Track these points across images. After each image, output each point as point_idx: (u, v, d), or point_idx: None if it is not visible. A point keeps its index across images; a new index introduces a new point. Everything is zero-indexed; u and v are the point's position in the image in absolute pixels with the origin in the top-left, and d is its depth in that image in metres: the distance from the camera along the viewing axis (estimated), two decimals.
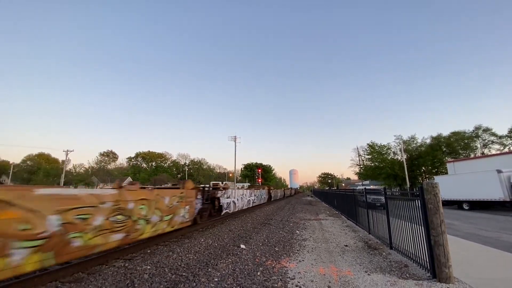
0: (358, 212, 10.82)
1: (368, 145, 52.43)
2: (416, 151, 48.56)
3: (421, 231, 4.85)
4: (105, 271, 5.07)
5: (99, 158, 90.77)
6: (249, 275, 4.80)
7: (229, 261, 5.70)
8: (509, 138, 47.42)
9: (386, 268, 5.22)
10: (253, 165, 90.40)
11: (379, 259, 5.90)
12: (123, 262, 5.66)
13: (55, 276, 4.59)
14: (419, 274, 4.77)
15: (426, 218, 4.68)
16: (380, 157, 49.44)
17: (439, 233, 4.43)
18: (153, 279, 4.61)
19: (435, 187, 4.61)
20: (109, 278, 4.68)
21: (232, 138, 46.85)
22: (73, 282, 4.48)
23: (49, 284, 4.36)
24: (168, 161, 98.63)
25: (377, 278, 4.60)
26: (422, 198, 4.82)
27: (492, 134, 49.34)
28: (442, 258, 4.34)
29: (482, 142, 50.55)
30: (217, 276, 4.72)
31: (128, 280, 4.56)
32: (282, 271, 5.01)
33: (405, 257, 5.65)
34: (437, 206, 4.53)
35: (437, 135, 50.84)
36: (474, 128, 50.44)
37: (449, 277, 4.29)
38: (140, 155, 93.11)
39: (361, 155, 57.23)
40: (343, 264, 5.55)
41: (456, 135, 49.45)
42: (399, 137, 47.65)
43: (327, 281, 4.51)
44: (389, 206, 6.73)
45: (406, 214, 5.63)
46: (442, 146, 48.40)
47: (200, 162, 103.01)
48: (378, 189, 13.94)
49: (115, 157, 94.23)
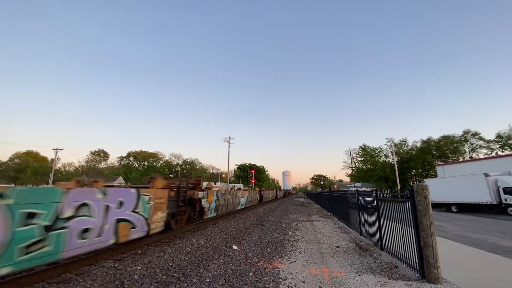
0: (350, 213, 10.92)
1: (360, 147, 53.15)
2: (407, 154, 49.44)
3: (411, 232, 4.93)
4: (94, 271, 4.97)
5: (89, 157, 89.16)
6: (241, 275, 4.78)
7: (221, 262, 5.67)
8: (496, 142, 48.78)
9: (377, 269, 5.28)
10: (247, 166, 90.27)
11: (370, 260, 5.96)
12: (113, 263, 5.56)
13: (42, 277, 4.48)
14: (408, 275, 4.84)
15: (416, 219, 4.75)
16: (372, 159, 50.16)
17: (428, 234, 4.51)
18: (143, 280, 4.54)
19: (425, 189, 4.70)
20: (98, 278, 4.59)
21: (226, 139, 46.72)
22: (61, 283, 4.37)
23: (35, 285, 4.25)
24: (160, 161, 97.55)
25: (367, 279, 4.65)
26: (412, 200, 4.89)
27: (480, 138, 50.69)
28: (431, 259, 4.41)
29: (471, 146, 51.85)
30: (208, 277, 4.68)
31: (118, 281, 4.48)
32: (274, 272, 5.01)
33: (395, 258, 5.72)
34: (427, 208, 4.61)
35: (427, 139, 51.91)
36: (463, 133, 51.77)
37: (437, 278, 4.37)
38: (132, 154, 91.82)
39: (354, 157, 57.91)
40: (334, 265, 5.59)
41: (445, 139, 50.54)
42: (391, 140, 48.49)
43: (318, 281, 4.53)
44: (380, 208, 6.81)
45: (396, 216, 5.71)
46: (432, 149, 49.38)
47: (193, 162, 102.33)
48: (369, 191, 14.10)
49: (106, 156, 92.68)
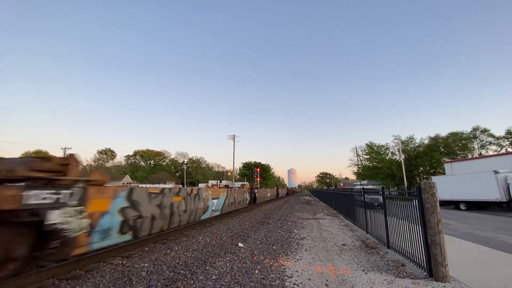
0: (356, 211, 10.85)
1: (366, 145, 52.73)
2: (414, 152, 48.79)
3: (418, 230, 4.87)
4: (103, 268, 5.06)
5: (97, 156, 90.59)
6: (247, 273, 4.81)
7: (227, 259, 5.70)
8: (506, 139, 47.78)
9: (383, 267, 5.24)
10: (252, 164, 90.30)
11: (377, 258, 5.92)
12: (121, 260, 5.65)
13: (52, 273, 4.58)
14: (416, 273, 4.79)
15: (423, 217, 4.69)
16: (378, 157, 49.66)
17: (436, 232, 4.45)
18: (151, 277, 4.61)
19: (432, 187, 4.63)
20: (106, 275, 4.68)
21: (231, 137, 46.83)
22: (71, 279, 4.46)
23: (46, 282, 4.34)
24: (166, 160, 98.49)
25: (374, 277, 4.62)
26: (419, 198, 4.83)
27: (489, 135, 49.73)
28: (439, 257, 4.36)
29: (480, 143, 50.92)
30: (215, 274, 4.72)
31: (126, 278, 4.55)
32: (280, 270, 5.02)
33: (402, 256, 5.67)
34: (434, 206, 4.55)
35: (435, 136, 51.15)
36: (472, 129, 50.87)
37: (445, 276, 4.31)
38: (138, 153, 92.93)
39: (360, 155, 57.50)
40: (340, 263, 5.57)
41: (454, 136, 49.72)
42: (398, 137, 47.94)
43: (324, 279, 4.52)
44: (386, 206, 6.75)
45: (403, 214, 5.65)
46: (440, 146, 48.65)
47: (198, 160, 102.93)
48: (376, 188, 13.98)
49: (113, 155, 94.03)
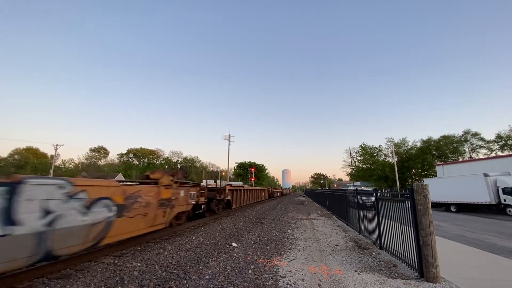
0: (349, 212, 10.94)
1: (360, 146, 53.27)
2: (407, 154, 49.49)
3: (410, 231, 4.94)
4: (94, 267, 4.98)
5: (89, 154, 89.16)
6: (240, 273, 4.80)
7: (221, 259, 5.68)
8: (496, 143, 48.82)
9: (376, 267, 5.30)
10: (247, 164, 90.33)
11: (369, 258, 5.98)
12: (113, 259, 5.57)
13: (42, 272, 4.49)
14: (407, 274, 4.86)
15: (415, 219, 4.76)
16: (372, 158, 50.25)
17: (427, 233, 4.52)
18: (143, 276, 4.55)
19: (425, 189, 4.70)
20: (98, 274, 4.61)
21: (226, 137, 46.71)
22: (61, 279, 4.38)
23: (35, 280, 4.26)
24: (160, 158, 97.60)
25: (366, 277, 4.67)
26: (412, 199, 4.90)
27: (480, 139, 50.74)
28: (430, 258, 4.43)
29: (471, 147, 51.91)
30: (208, 274, 4.70)
31: (118, 277, 4.49)
32: (273, 270, 5.03)
33: (394, 257, 5.74)
34: (427, 207, 4.62)
35: (427, 139, 51.93)
36: (463, 133, 51.81)
37: (436, 277, 4.39)
38: (131, 151, 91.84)
39: (353, 156, 57.93)
40: (333, 263, 5.61)
41: (445, 139, 50.55)
42: (391, 139, 48.52)
43: (317, 279, 4.55)
44: (379, 207, 6.82)
45: (396, 215, 5.73)
46: (432, 149, 49.40)
47: (193, 159, 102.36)
48: (369, 190, 14.11)
49: (106, 153, 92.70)
